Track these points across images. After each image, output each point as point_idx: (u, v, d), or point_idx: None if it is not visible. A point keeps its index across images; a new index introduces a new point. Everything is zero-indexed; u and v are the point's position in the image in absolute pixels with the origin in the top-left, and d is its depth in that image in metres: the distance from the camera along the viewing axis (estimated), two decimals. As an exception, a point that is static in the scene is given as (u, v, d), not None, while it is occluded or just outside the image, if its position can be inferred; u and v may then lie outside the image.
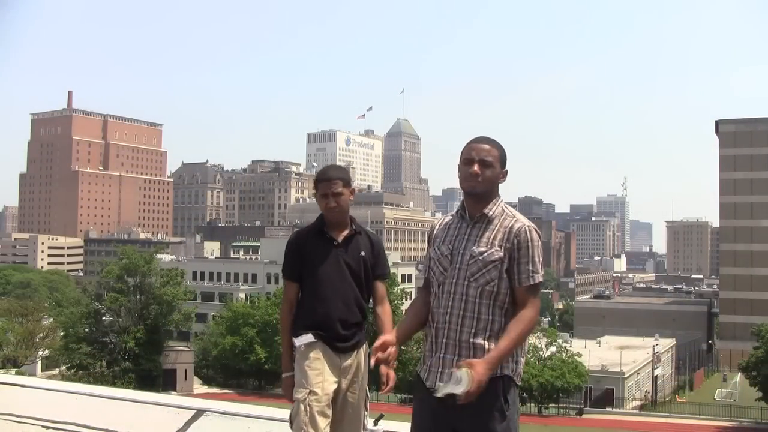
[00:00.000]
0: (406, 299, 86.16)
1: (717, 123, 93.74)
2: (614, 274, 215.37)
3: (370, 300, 4.00)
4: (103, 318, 54.39)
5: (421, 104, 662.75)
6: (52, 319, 56.80)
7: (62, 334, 54.04)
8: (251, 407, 5.98)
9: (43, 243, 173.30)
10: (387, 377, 3.60)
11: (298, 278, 3.89)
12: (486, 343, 3.15)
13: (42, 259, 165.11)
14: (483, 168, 3.24)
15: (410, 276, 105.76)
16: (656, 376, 65.57)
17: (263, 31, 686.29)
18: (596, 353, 63.19)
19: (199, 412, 5.76)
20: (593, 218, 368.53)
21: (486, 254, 3.19)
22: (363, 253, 3.90)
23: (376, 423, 5.04)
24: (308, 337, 3.76)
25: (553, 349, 53.08)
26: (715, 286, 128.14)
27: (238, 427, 5.48)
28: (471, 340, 3.17)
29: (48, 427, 5.89)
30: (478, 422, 3.08)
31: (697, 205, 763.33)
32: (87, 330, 53.47)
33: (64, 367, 53.79)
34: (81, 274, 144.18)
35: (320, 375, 3.72)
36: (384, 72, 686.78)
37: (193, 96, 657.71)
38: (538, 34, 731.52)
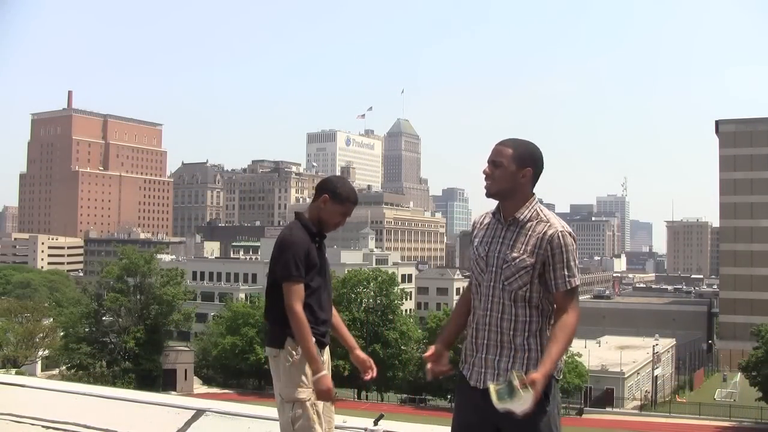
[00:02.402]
0: (406, 299, 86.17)
1: (717, 123, 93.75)
2: (614, 274, 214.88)
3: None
4: (103, 318, 54.45)
5: (421, 104, 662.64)
6: (52, 319, 56.82)
7: (62, 334, 54.10)
8: (251, 407, 5.98)
9: (43, 243, 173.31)
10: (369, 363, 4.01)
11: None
12: (526, 342, 3.25)
13: (42, 259, 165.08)
14: (492, 168, 3.30)
15: (410, 276, 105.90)
16: (656, 376, 65.63)
17: (263, 31, 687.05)
18: (596, 353, 63.24)
19: (199, 412, 5.77)
20: (593, 218, 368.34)
21: (518, 260, 3.23)
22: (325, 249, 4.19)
23: (376, 423, 5.05)
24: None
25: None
26: (715, 286, 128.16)
27: (238, 427, 5.49)
28: (512, 340, 3.26)
29: (48, 427, 5.90)
30: (522, 420, 3.10)
31: (697, 205, 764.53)
32: (87, 330, 53.54)
33: (64, 367, 53.83)
34: (81, 274, 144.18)
35: None
36: (384, 72, 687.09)
37: (193, 96, 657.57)
38: (538, 34, 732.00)
